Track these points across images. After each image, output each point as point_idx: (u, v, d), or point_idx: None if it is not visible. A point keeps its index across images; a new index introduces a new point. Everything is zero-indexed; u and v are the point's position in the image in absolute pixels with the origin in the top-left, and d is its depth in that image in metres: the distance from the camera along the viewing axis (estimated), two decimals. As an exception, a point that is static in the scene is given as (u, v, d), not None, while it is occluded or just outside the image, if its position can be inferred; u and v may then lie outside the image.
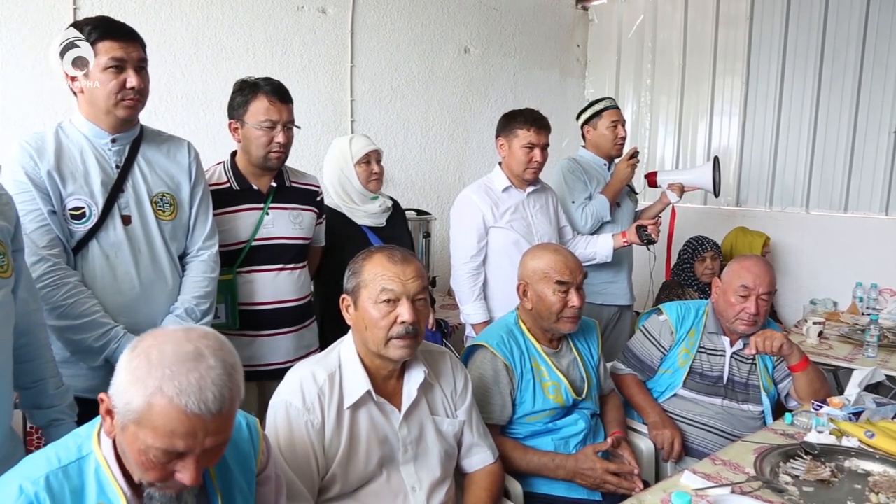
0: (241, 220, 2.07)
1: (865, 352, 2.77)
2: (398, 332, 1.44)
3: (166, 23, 3.03)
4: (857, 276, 3.65)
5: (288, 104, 2.07)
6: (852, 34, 3.68)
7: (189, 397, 0.91)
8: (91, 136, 1.65)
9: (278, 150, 2.05)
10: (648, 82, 4.74)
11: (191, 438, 0.93)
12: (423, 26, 4.03)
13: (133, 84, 1.61)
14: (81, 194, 1.61)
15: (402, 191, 3.95)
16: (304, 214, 2.17)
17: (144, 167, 1.73)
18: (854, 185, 3.77)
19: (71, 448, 1.01)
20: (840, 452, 1.67)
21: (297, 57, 3.49)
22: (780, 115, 4.03)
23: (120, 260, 1.67)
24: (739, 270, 2.12)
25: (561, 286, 1.89)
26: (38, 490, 0.93)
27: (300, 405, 1.42)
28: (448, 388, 1.64)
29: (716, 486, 1.49)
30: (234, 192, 2.08)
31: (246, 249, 2.06)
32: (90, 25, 1.58)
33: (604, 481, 1.77)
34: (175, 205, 1.77)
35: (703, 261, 3.31)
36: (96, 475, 0.99)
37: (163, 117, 3.04)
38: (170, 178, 1.78)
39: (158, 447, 0.92)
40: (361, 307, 1.47)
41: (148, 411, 0.91)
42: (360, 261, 1.52)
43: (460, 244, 2.55)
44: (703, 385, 2.14)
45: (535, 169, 2.55)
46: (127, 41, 1.62)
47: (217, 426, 0.95)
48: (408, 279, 1.46)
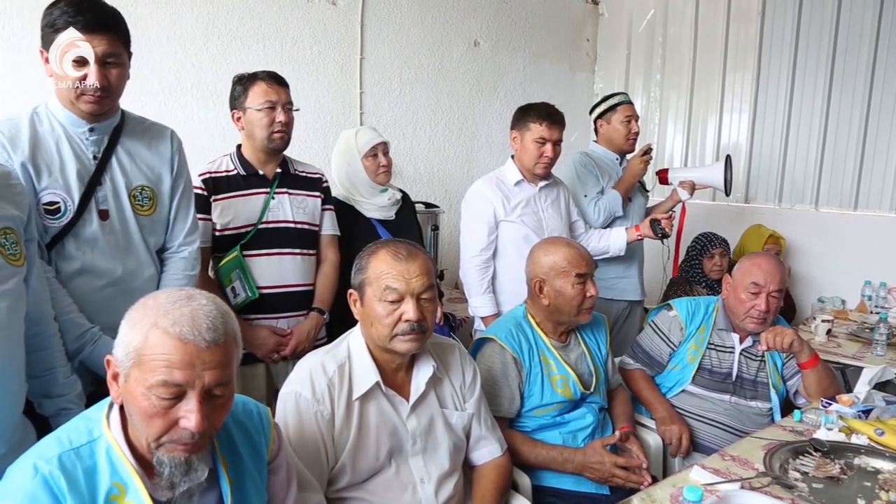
0: (248, 203, 2.11)
1: (874, 350, 2.76)
2: (403, 329, 1.44)
3: (176, 13, 3.03)
4: (865, 275, 3.64)
5: (285, 87, 2.14)
6: (865, 31, 3.65)
7: (183, 326, 0.97)
8: (68, 125, 1.55)
9: (281, 130, 2.10)
10: (658, 77, 4.71)
11: (188, 368, 0.97)
12: (432, 19, 4.02)
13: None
14: (56, 188, 1.51)
15: (410, 184, 3.95)
16: (308, 200, 2.21)
17: (124, 158, 1.63)
18: (864, 183, 3.75)
19: (81, 431, 1.02)
20: (849, 450, 1.66)
21: (307, 49, 3.49)
22: (790, 111, 4.01)
23: (96, 256, 1.58)
24: (750, 267, 2.11)
25: (580, 279, 1.90)
26: (52, 469, 0.94)
27: (310, 396, 1.42)
28: (457, 381, 1.64)
29: (725, 482, 1.49)
30: (241, 177, 2.13)
31: (252, 232, 2.09)
32: (61, 8, 1.43)
33: (612, 475, 1.77)
34: (154, 199, 1.69)
35: (712, 257, 3.30)
36: (108, 456, 1.00)
37: (172, 108, 3.05)
38: (150, 171, 1.69)
39: (158, 380, 0.95)
40: (367, 303, 1.48)
41: (144, 345, 0.97)
42: (365, 256, 1.52)
43: (470, 237, 2.55)
44: (712, 381, 2.14)
45: (545, 164, 2.54)
46: (93, 32, 1.45)
47: (214, 359, 0.98)
48: (412, 277, 1.45)
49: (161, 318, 0.98)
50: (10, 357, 1.21)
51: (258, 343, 2.07)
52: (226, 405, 1.05)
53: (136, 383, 0.97)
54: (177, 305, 0.99)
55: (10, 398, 1.23)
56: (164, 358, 0.96)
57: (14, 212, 1.27)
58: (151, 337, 0.97)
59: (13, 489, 0.94)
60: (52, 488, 0.93)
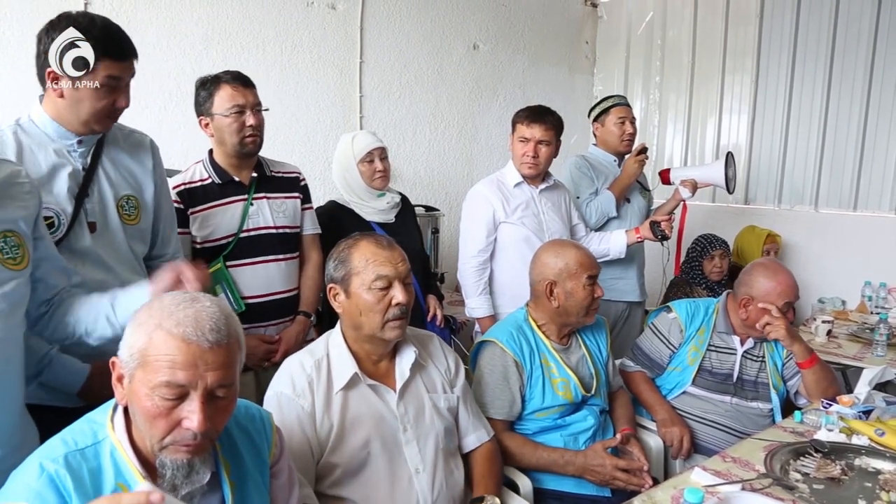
0: (226, 212, 2.06)
1: (874, 351, 2.76)
2: (394, 314, 1.51)
3: (177, 17, 3.04)
4: (865, 275, 3.64)
5: (251, 88, 2.07)
6: (863, 32, 3.66)
7: (186, 327, 0.98)
8: (55, 137, 1.52)
9: (252, 134, 2.04)
10: (657, 79, 4.72)
11: (191, 369, 0.97)
12: (432, 22, 4.03)
13: (122, 105, 1.52)
14: (49, 202, 1.47)
15: (410, 187, 3.95)
16: (287, 203, 2.18)
17: (109, 168, 1.62)
18: (864, 183, 3.76)
19: (86, 433, 1.03)
20: (850, 450, 1.67)
21: (307, 52, 3.50)
22: (789, 113, 4.02)
23: (88, 269, 1.55)
24: (780, 291, 2.06)
25: (591, 280, 1.92)
26: (59, 468, 0.95)
27: (291, 393, 1.47)
28: (441, 367, 1.68)
29: (726, 483, 1.49)
30: (217, 186, 2.07)
31: (234, 242, 2.06)
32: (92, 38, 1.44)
33: (613, 477, 1.77)
34: (139, 208, 1.68)
35: (712, 259, 3.31)
36: (112, 458, 1.00)
37: (173, 113, 3.06)
38: (134, 179, 1.68)
39: (161, 381, 0.96)
40: (354, 294, 1.52)
41: (149, 345, 0.98)
42: (345, 249, 1.56)
43: (469, 238, 2.55)
44: (713, 383, 2.14)
45: (529, 164, 2.51)
46: (127, 61, 1.51)
47: (217, 360, 1.00)
48: (398, 262, 1.53)
49: (165, 320, 0.99)
50: (7, 360, 1.22)
51: (248, 353, 2.05)
52: (228, 407, 1.06)
53: (139, 384, 0.98)
54: (181, 307, 1.01)
55: (8, 400, 1.23)
56: (167, 358, 0.97)
57: (20, 213, 1.27)
58: (155, 338, 0.98)
59: (20, 488, 0.94)
60: (58, 487, 0.94)
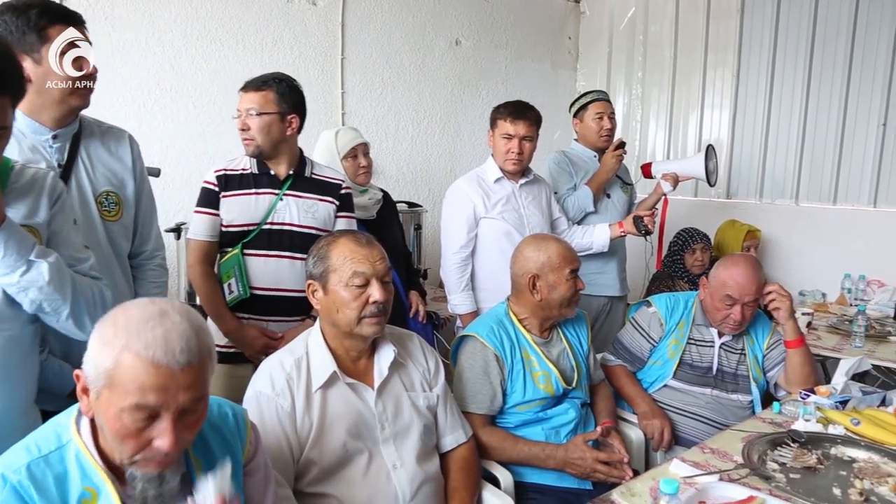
0: (256, 202, 2.09)
1: (853, 342, 2.80)
2: (371, 311, 1.51)
3: (155, 14, 3.01)
4: (845, 268, 3.68)
5: (249, 93, 2.06)
6: (842, 27, 3.70)
7: (156, 350, 0.93)
8: (29, 133, 1.49)
9: (244, 138, 2.07)
10: (640, 75, 4.74)
11: (162, 392, 0.94)
12: (414, 18, 4.02)
13: (91, 70, 1.49)
14: None
15: (393, 183, 3.94)
16: (319, 205, 2.16)
17: (87, 164, 1.60)
18: (843, 177, 3.80)
19: (50, 437, 1.00)
20: (826, 440, 1.69)
21: (288, 49, 3.47)
22: (770, 107, 4.05)
23: None
24: (726, 280, 2.08)
25: (573, 274, 1.93)
26: (21, 478, 0.93)
27: (270, 392, 1.46)
28: (420, 366, 1.68)
29: (704, 474, 1.50)
30: (253, 176, 2.11)
31: (256, 231, 2.07)
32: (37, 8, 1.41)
33: (594, 470, 1.78)
34: (120, 204, 1.66)
35: (693, 253, 3.33)
36: (78, 461, 0.98)
37: (152, 110, 3.03)
38: (114, 175, 1.66)
39: (131, 403, 0.92)
40: (332, 290, 1.53)
41: (117, 369, 0.93)
42: (324, 246, 1.57)
43: (450, 234, 2.55)
44: (693, 375, 2.15)
45: (513, 160, 2.52)
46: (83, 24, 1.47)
47: (188, 380, 0.96)
48: (376, 260, 1.54)
49: (133, 340, 0.93)
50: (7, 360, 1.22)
51: (247, 342, 2.06)
52: (199, 420, 1.03)
53: (107, 404, 0.94)
54: (149, 325, 0.95)
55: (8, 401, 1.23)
56: (136, 382, 0.92)
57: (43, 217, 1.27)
58: (123, 360, 0.93)
59: None
60: (22, 497, 0.92)
